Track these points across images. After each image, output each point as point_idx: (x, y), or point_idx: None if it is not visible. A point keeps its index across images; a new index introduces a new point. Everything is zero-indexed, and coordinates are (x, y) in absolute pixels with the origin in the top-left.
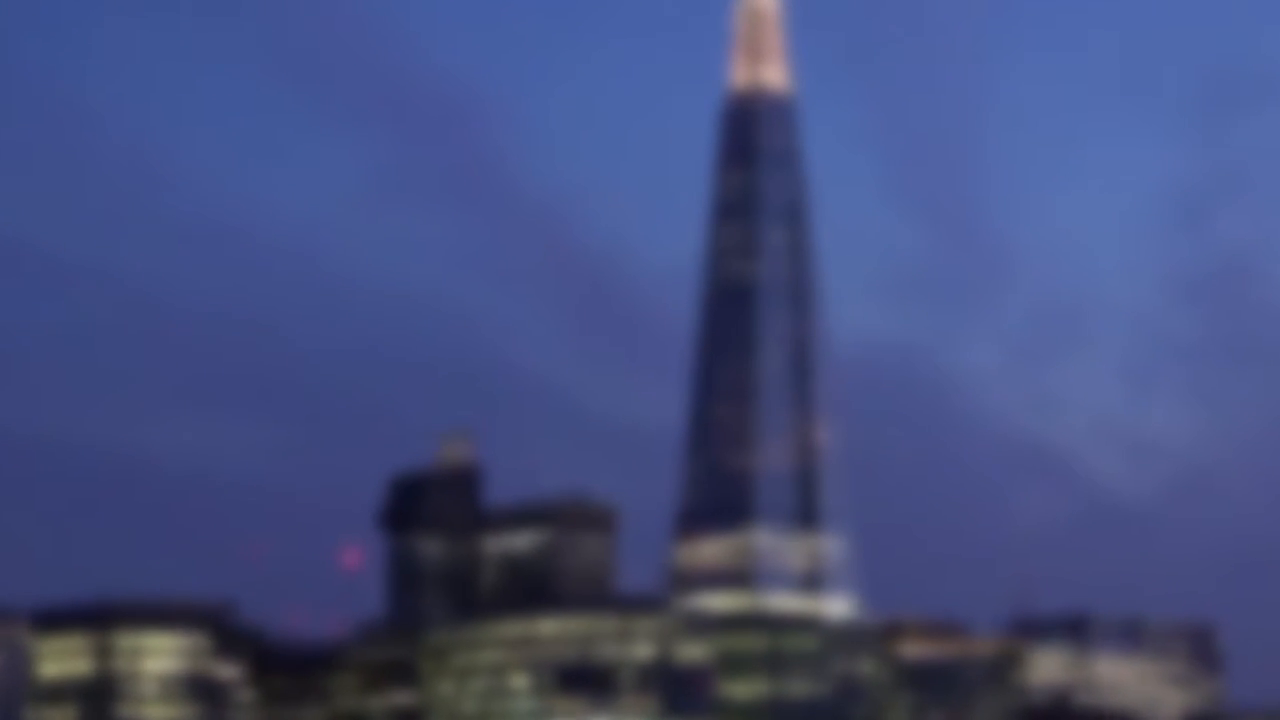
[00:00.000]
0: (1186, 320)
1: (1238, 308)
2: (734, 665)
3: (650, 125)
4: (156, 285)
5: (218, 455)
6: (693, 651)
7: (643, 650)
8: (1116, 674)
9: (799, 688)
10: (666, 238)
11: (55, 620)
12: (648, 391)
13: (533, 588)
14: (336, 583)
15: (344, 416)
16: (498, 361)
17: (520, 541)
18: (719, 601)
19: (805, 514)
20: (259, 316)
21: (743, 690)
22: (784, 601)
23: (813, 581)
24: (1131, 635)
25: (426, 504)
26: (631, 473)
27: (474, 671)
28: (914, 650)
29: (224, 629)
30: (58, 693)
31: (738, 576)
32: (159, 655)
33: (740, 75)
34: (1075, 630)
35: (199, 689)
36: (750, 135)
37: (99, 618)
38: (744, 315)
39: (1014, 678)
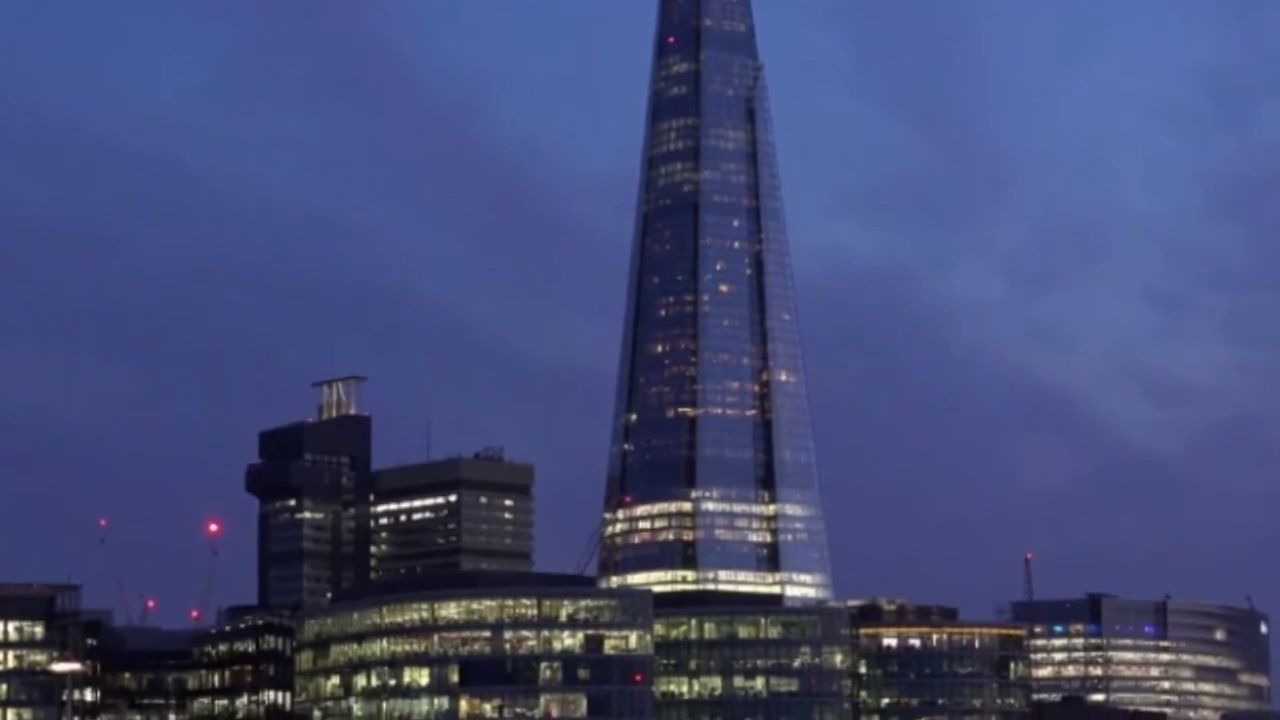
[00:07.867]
0: (1223, 239)
1: None
2: (676, 656)
3: (573, 1)
4: None
5: (54, 403)
6: (627, 641)
7: (566, 639)
8: (1139, 666)
9: (755, 683)
10: (594, 139)
11: None
12: (571, 325)
13: (433, 564)
14: (196, 559)
15: (205, 355)
16: (388, 290)
17: (418, 509)
18: (658, 581)
19: (761, 475)
20: (100, 230)
21: (687, 686)
22: (736, 581)
23: (771, 557)
24: (1157, 620)
25: (304, 464)
26: (552, 425)
27: (362, 666)
28: (895, 639)
29: (60, 617)
30: None
31: (680, 551)
32: None
33: None
34: (1090, 614)
35: (29, 688)
36: (695, 14)
37: None
38: (688, 233)
39: (1016, 671)
